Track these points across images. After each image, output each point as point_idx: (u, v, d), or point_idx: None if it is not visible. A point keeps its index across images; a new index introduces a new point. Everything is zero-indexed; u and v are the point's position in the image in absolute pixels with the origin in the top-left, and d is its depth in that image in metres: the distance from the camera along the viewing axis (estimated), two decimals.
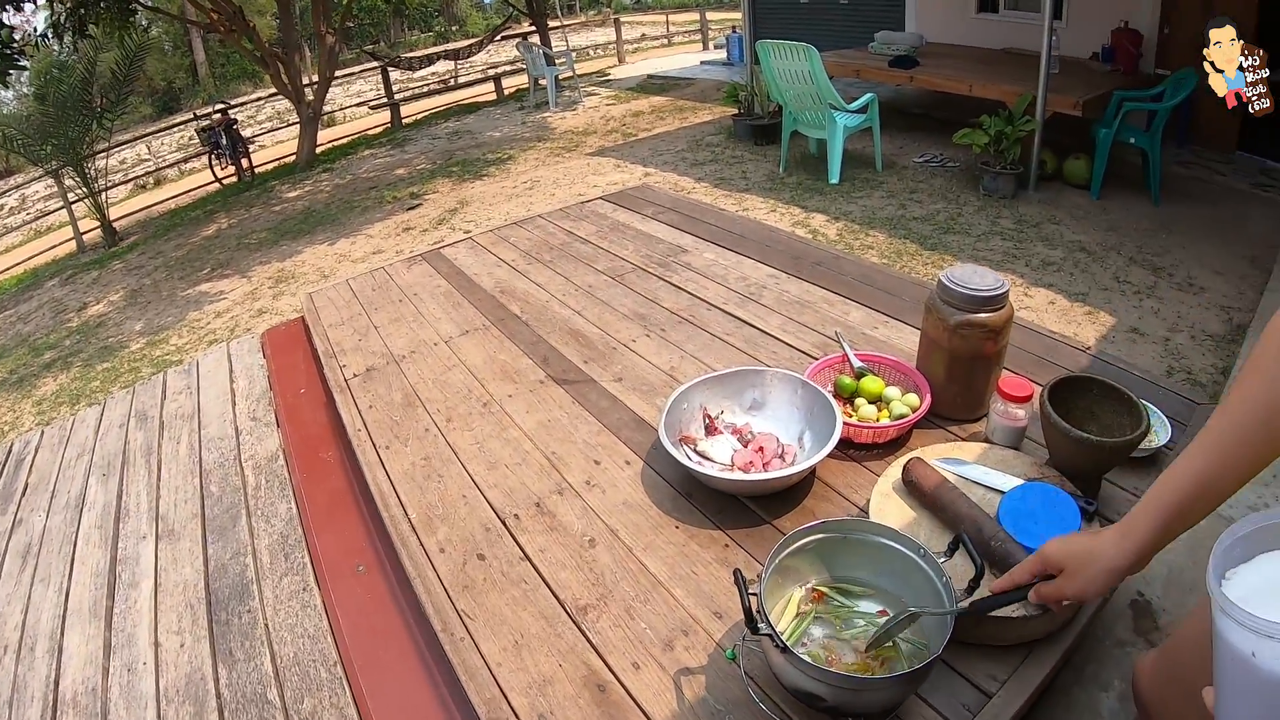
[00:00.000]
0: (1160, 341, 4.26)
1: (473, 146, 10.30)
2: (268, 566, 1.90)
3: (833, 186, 6.72)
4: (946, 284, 1.83)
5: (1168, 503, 1.00)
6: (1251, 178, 6.63)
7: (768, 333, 2.46)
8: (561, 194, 7.40)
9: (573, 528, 1.75)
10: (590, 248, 3.18)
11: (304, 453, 2.30)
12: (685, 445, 1.87)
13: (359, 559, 1.87)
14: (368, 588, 1.80)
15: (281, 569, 1.88)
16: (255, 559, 1.93)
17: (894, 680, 1.19)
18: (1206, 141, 7.32)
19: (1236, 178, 6.66)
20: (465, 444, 2.06)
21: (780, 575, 1.40)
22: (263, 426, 2.46)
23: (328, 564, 1.87)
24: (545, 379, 2.30)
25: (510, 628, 1.52)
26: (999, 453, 1.75)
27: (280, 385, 2.69)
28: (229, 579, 1.88)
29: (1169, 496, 1.00)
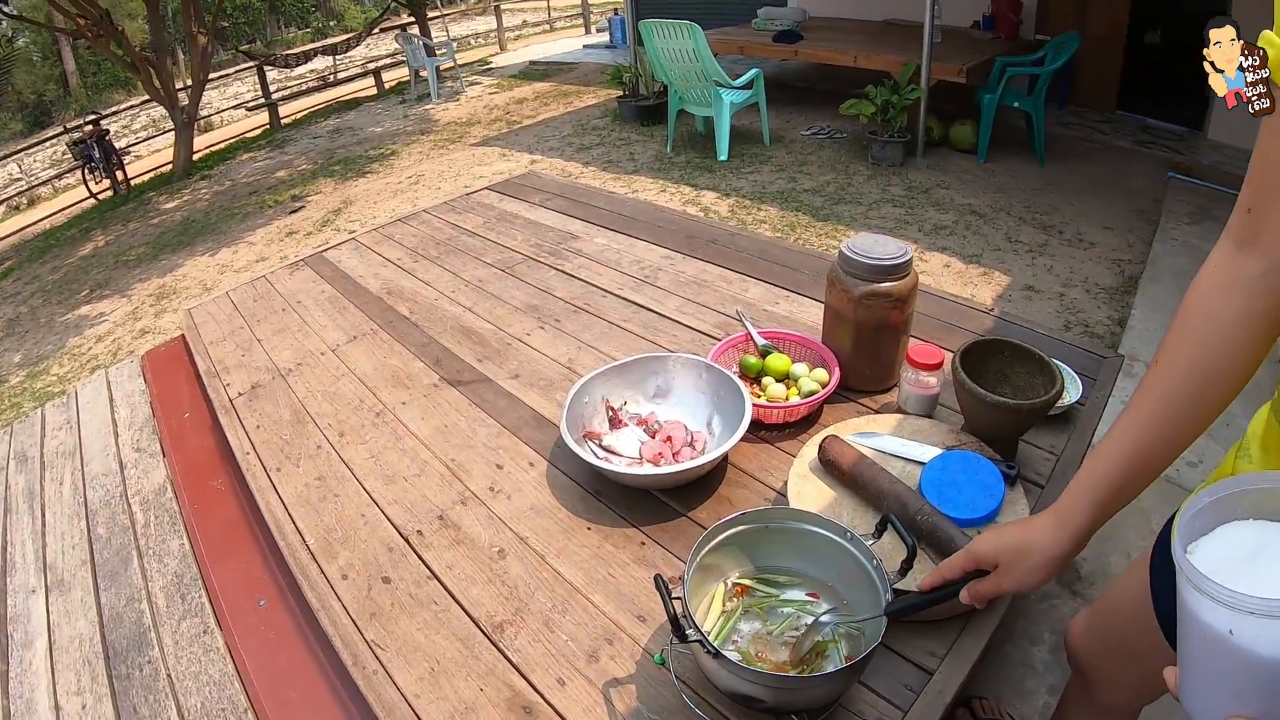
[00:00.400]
0: (1056, 297, 4.34)
1: (354, 144, 10.02)
2: (164, 611, 1.74)
3: (722, 163, 6.72)
4: (849, 255, 1.77)
5: (1102, 484, 0.97)
6: (1132, 135, 6.90)
7: (666, 316, 2.40)
8: (447, 187, 7.25)
9: (480, 539, 1.64)
10: (478, 240, 3.06)
11: (192, 482, 2.13)
12: (590, 441, 1.77)
13: (260, 593, 1.72)
14: (271, 624, 1.65)
15: (179, 612, 1.72)
16: (151, 603, 1.76)
17: (833, 676, 1.12)
18: (1087, 102, 7.59)
19: (1118, 136, 6.91)
20: (360, 459, 1.93)
21: (702, 574, 1.32)
22: (148, 457, 2.27)
23: (227, 602, 1.72)
24: (439, 382, 2.18)
25: (425, 654, 1.41)
26: (914, 422, 1.70)
27: (163, 411, 2.49)
28: (125, 628, 1.72)
29: (1103, 478, 0.97)
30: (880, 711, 1.24)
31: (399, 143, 9.48)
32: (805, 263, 2.66)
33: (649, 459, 1.71)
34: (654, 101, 7.93)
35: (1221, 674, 0.68)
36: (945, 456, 1.53)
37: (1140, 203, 5.49)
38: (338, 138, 10.70)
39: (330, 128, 11.51)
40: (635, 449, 1.75)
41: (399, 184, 7.69)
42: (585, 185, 3.95)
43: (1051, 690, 2.24)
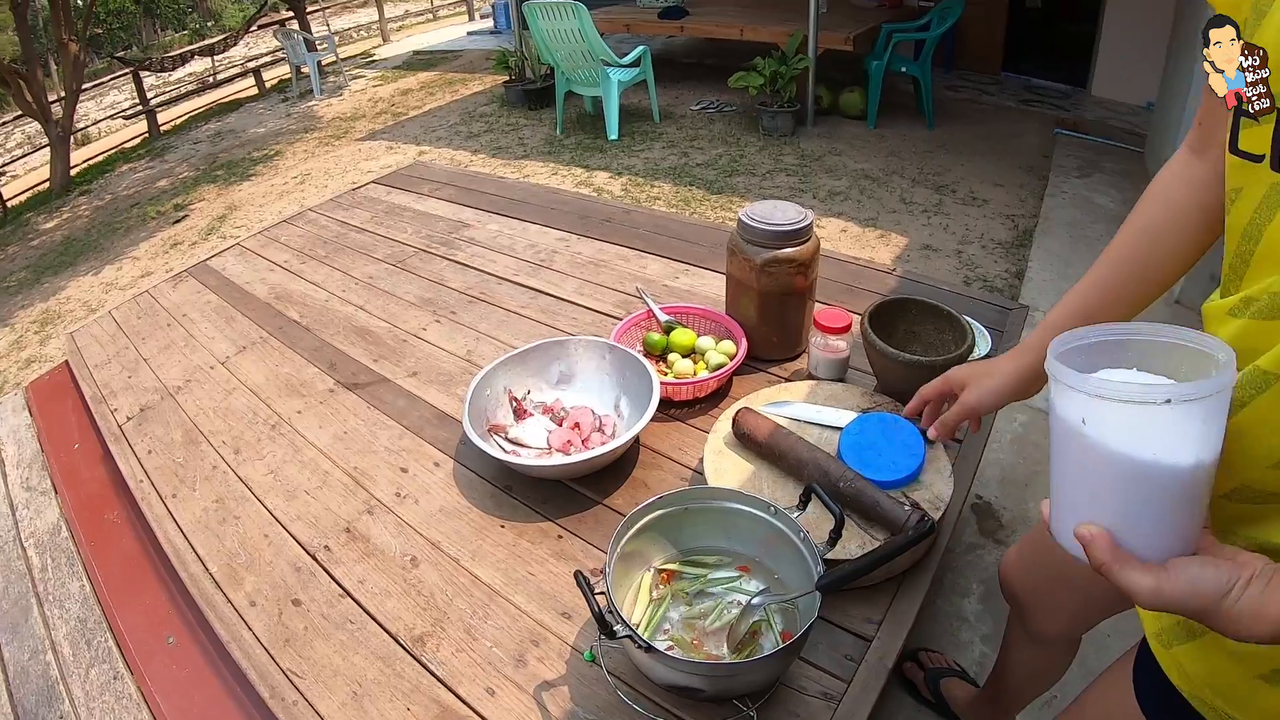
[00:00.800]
0: (953, 254, 4.40)
1: (237, 146, 9.67)
2: (71, 660, 1.60)
3: (613, 143, 6.68)
4: (748, 222, 1.73)
5: (1058, 326, 1.10)
6: (1018, 95, 7.14)
7: (564, 299, 2.33)
8: (334, 185, 7.03)
9: (390, 549, 1.55)
10: (367, 236, 2.95)
11: (88, 518, 1.98)
12: (496, 435, 1.70)
13: (167, 629, 1.60)
14: (183, 661, 1.53)
15: (86, 660, 1.59)
16: (56, 654, 1.62)
17: (770, 659, 1.07)
18: (973, 66, 7.81)
19: (1003, 96, 7.13)
20: (258, 475, 1.82)
21: (624, 563, 1.26)
22: (39, 495, 2.11)
23: (135, 643, 1.59)
24: (335, 386, 2.07)
25: (345, 678, 1.32)
26: (826, 388, 1.67)
27: (52, 444, 2.32)
28: (33, 684, 1.57)
29: (1059, 321, 1.12)
30: (824, 685, 1.21)
31: (283, 142, 9.18)
32: (703, 235, 2.62)
33: (558, 448, 1.65)
34: (541, 85, 7.84)
35: (1078, 477, 0.70)
36: (862, 419, 1.50)
37: (1030, 159, 5.63)
38: (220, 141, 10.31)
39: (211, 131, 11.09)
40: (543, 439, 1.69)
41: (285, 185, 7.45)
42: (474, 172, 3.85)
43: (985, 639, 2.27)
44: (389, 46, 14.79)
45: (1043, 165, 5.51)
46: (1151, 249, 1.04)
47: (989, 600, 2.40)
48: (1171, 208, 1.02)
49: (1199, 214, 0.98)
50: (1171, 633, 0.88)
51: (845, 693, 1.20)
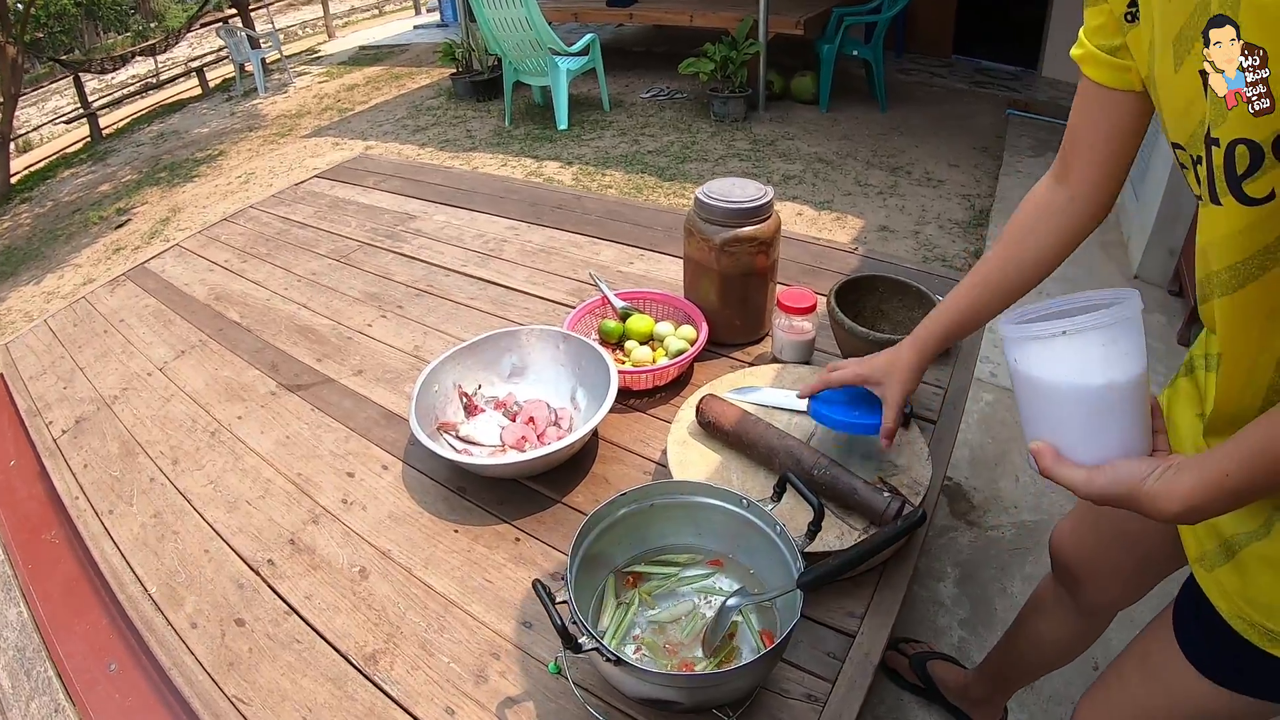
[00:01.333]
0: (911, 235, 4.38)
1: (180, 148, 9.44)
2: (10, 693, 1.48)
3: (562, 132, 6.59)
4: (705, 200, 1.65)
5: (941, 329, 1.26)
6: (969, 78, 7.17)
7: (515, 288, 2.24)
8: (279, 183, 6.84)
9: (338, 560, 1.45)
10: (310, 231, 2.83)
11: (25, 539, 1.85)
12: (446, 433, 1.60)
13: (109, 656, 1.48)
14: (126, 689, 1.41)
15: (26, 691, 1.47)
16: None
17: (751, 666, 0.99)
18: (924, 49, 7.86)
19: (955, 79, 7.16)
20: (198, 486, 1.70)
21: (587, 568, 1.17)
22: None
23: (76, 671, 1.47)
24: (277, 389, 1.96)
25: (294, 703, 1.22)
26: (793, 371, 1.60)
27: None
28: None
29: (942, 324, 1.26)
30: (807, 687, 1.14)
31: (227, 142, 8.98)
32: (657, 219, 2.54)
33: (512, 445, 1.55)
34: (489, 76, 7.71)
35: (1025, 406, 0.87)
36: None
37: (983, 140, 5.64)
38: (163, 143, 10.07)
39: (154, 133, 10.82)
40: (496, 436, 1.60)
41: (229, 185, 7.27)
42: (421, 163, 3.75)
43: (963, 624, 2.22)
44: (334, 42, 14.56)
45: (996, 146, 5.53)
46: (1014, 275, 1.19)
47: (965, 584, 2.35)
48: (1032, 234, 1.17)
49: (1055, 236, 1.15)
50: (1213, 556, 0.94)
51: (830, 693, 1.13)
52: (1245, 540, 0.88)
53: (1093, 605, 1.50)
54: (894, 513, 1.22)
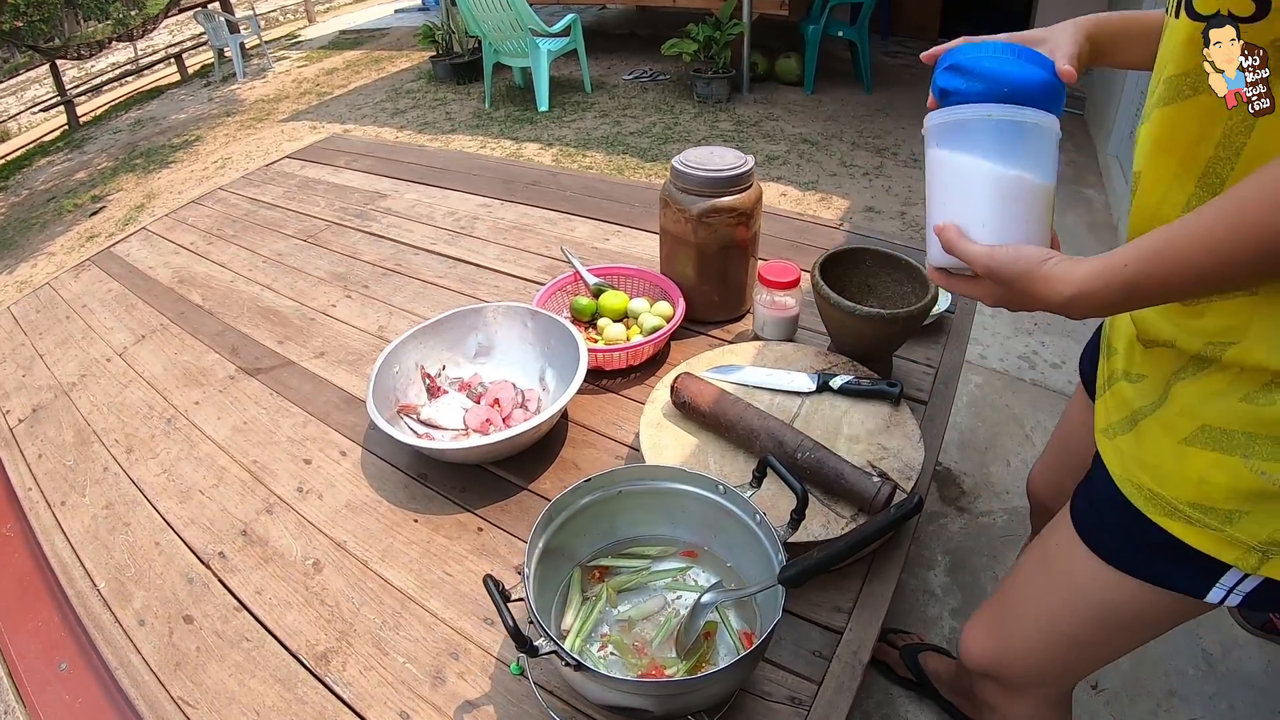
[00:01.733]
0: (897, 216, 4.33)
1: (157, 134, 9.30)
2: None
3: (543, 114, 6.48)
4: (682, 169, 1.56)
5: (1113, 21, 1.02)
6: None
7: (485, 266, 2.15)
8: (255, 167, 6.72)
9: (291, 552, 1.36)
10: (278, 212, 2.73)
11: None
12: (406, 416, 1.51)
13: (60, 655, 1.39)
14: (76, 689, 1.32)
15: None
16: None
17: (727, 671, 0.90)
18: (910, 32, 7.82)
19: None
20: (151, 476, 1.61)
21: (549, 561, 1.08)
22: None
23: (27, 670, 1.38)
24: (236, 373, 1.87)
25: (241, 706, 1.14)
26: (775, 349, 1.51)
27: None
28: None
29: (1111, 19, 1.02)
30: (790, 688, 1.06)
31: (204, 127, 8.84)
32: (635, 195, 2.45)
33: (475, 428, 1.46)
34: (469, 58, 7.58)
35: (936, 195, 0.89)
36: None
37: None
38: (140, 130, 9.93)
39: (132, 120, 10.68)
40: (459, 419, 1.50)
41: (205, 170, 7.15)
42: (394, 143, 3.64)
43: (955, 614, 2.16)
44: (315, 27, 14.41)
45: None
46: None
47: (956, 572, 2.27)
48: None
49: None
50: (1118, 426, 0.97)
51: (816, 695, 1.05)
52: (1148, 411, 0.91)
53: None
54: (884, 499, 1.13)
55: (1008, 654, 1.22)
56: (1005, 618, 1.22)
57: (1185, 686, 1.96)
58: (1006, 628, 1.21)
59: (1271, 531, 0.82)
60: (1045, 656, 1.17)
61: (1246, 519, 0.82)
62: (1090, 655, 1.14)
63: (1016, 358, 3.13)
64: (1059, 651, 1.15)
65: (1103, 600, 1.02)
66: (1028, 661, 1.20)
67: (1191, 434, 0.85)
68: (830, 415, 1.36)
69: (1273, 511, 0.81)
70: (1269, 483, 0.79)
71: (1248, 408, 0.79)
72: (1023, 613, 1.18)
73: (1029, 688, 1.25)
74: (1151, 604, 0.97)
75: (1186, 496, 0.86)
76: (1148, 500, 0.90)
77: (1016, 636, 1.19)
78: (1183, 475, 0.86)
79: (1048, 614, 1.12)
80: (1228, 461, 0.82)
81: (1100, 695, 1.96)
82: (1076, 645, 1.12)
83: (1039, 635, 1.15)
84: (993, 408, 2.87)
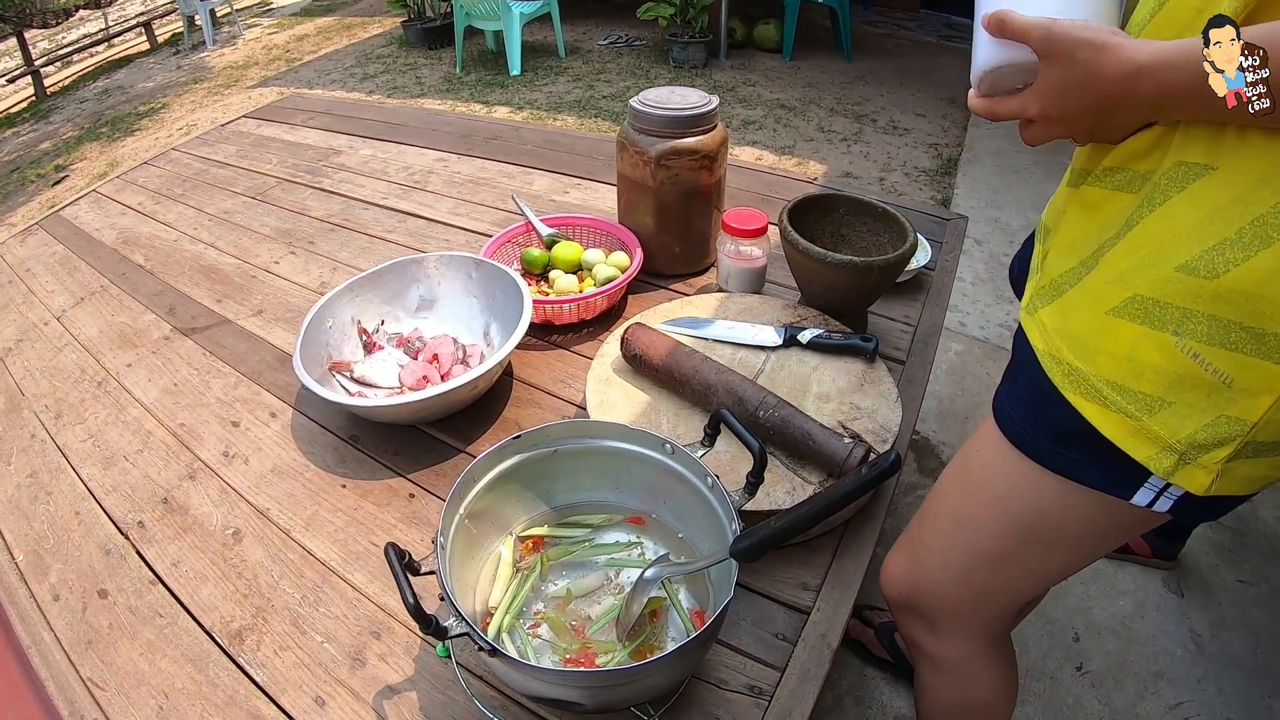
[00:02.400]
0: (875, 181, 4.25)
1: (124, 102, 9.12)
2: None
3: (515, 78, 6.34)
4: (641, 109, 1.45)
5: None
6: (938, 32, 7.00)
7: (436, 220, 2.03)
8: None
9: (211, 521, 1.25)
10: (229, 171, 2.59)
11: None
12: (338, 374, 1.39)
13: None
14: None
15: None
16: None
17: (674, 657, 0.77)
18: (891, 3, 7.68)
19: (923, 33, 6.99)
20: (77, 442, 1.50)
21: (475, 528, 0.96)
22: None
23: None
24: (170, 333, 1.75)
25: (150, 688, 1.03)
26: (739, 301, 1.40)
27: None
28: None
29: None
30: (751, 676, 0.96)
31: (171, 95, 8.66)
32: (598, 149, 2.34)
33: (411, 386, 1.34)
34: (441, 22, 7.42)
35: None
36: None
37: (951, 92, 5.52)
38: (106, 99, 9.74)
39: (99, 89, 10.47)
40: (394, 376, 1.38)
41: (169, 138, 6.97)
42: (353, 100, 3.50)
43: None
44: None
45: (965, 98, 5.32)
46: None
47: None
48: None
49: None
50: (1039, 297, 0.90)
51: (779, 684, 0.94)
52: (1073, 279, 0.84)
53: None
54: (856, 462, 1.02)
55: (922, 579, 1.12)
56: (922, 537, 1.12)
57: (1173, 668, 1.87)
58: (923, 549, 1.11)
59: (1193, 430, 0.75)
60: (961, 580, 1.07)
61: (1168, 411, 0.75)
62: (1010, 578, 1.03)
63: (997, 325, 3.04)
64: (977, 575, 1.05)
65: (1020, 506, 0.93)
66: (944, 586, 1.10)
67: (1121, 304, 0.77)
68: (798, 372, 1.25)
69: (1198, 406, 0.74)
70: (1200, 367, 0.73)
71: (1186, 278, 0.72)
72: (939, 527, 1.08)
73: (949, 620, 1.14)
74: (1074, 509, 0.89)
75: (1108, 374, 0.79)
76: (1066, 376, 0.83)
77: (933, 558, 1.09)
78: (1107, 349, 0.79)
79: (963, 525, 1.03)
80: (1157, 337, 0.75)
81: (1085, 677, 1.88)
82: (993, 563, 1.02)
83: (955, 552, 1.06)
84: (973, 376, 2.77)
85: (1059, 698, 1.84)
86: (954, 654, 1.17)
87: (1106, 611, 2.01)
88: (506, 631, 0.92)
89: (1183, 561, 2.11)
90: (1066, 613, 1.68)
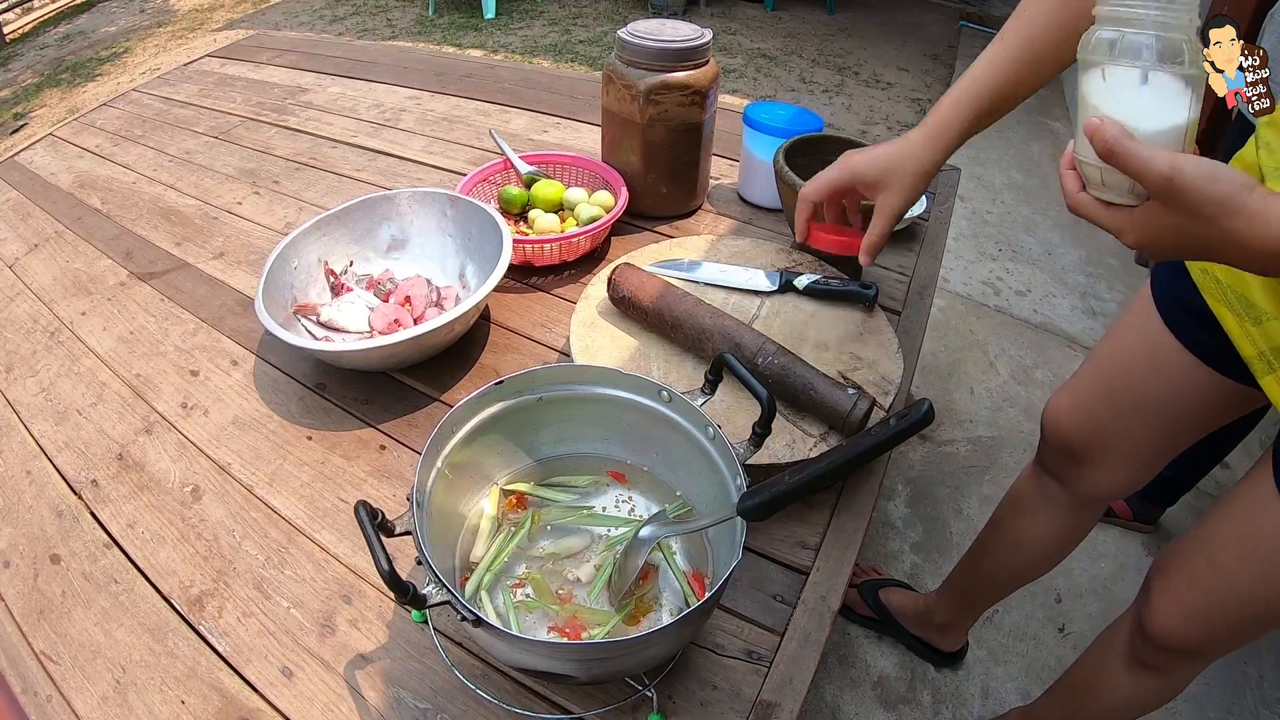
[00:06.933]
0: (857, 134, 4.16)
1: (85, 48, 8.85)
2: None
3: (489, 21, 6.21)
4: (630, 40, 1.37)
5: (972, 107, 0.95)
6: None
7: (408, 158, 1.94)
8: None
9: (168, 478, 1.17)
10: (191, 110, 2.47)
11: None
12: (304, 318, 1.30)
13: None
14: None
15: None
16: None
17: (675, 628, 0.69)
18: None
19: None
20: (28, 396, 1.40)
21: (455, 482, 0.88)
22: None
23: None
24: (127, 279, 1.65)
25: (107, 660, 0.95)
26: (732, 243, 1.33)
27: None
28: None
29: (973, 100, 0.95)
30: (748, 640, 0.90)
31: (133, 39, 8.42)
32: (578, 88, 2.24)
33: (381, 330, 1.26)
34: None
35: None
36: None
37: (934, 48, 5.50)
38: (67, 44, 9.45)
39: (60, 35, 10.16)
40: (364, 320, 1.30)
41: (132, 82, 6.78)
42: (323, 38, 3.37)
43: (916, 548, 2.05)
44: None
45: (948, 55, 5.38)
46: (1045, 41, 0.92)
47: (917, 504, 2.14)
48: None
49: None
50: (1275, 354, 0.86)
51: (778, 649, 0.88)
52: None
53: (1091, 493, 1.28)
54: (861, 415, 0.96)
55: (1215, 638, 1.07)
56: (1209, 604, 1.05)
57: None
58: (1216, 615, 1.05)
59: None
60: (1258, 633, 1.04)
61: None
62: None
63: (980, 283, 2.99)
64: (1273, 625, 1.01)
65: None
66: (1239, 642, 1.07)
67: None
68: (794, 319, 1.18)
69: None
70: None
71: None
72: (1233, 605, 1.01)
73: (1216, 653, 1.12)
74: None
75: None
76: None
77: (1229, 624, 1.04)
78: None
79: (1263, 602, 0.97)
80: None
81: (1068, 639, 1.86)
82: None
83: (1257, 619, 1.00)
84: (956, 333, 2.72)
85: (1041, 659, 1.83)
86: (1196, 672, 1.17)
87: (1088, 574, 2.00)
88: (486, 589, 0.84)
89: (1162, 526, 2.10)
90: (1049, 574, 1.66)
